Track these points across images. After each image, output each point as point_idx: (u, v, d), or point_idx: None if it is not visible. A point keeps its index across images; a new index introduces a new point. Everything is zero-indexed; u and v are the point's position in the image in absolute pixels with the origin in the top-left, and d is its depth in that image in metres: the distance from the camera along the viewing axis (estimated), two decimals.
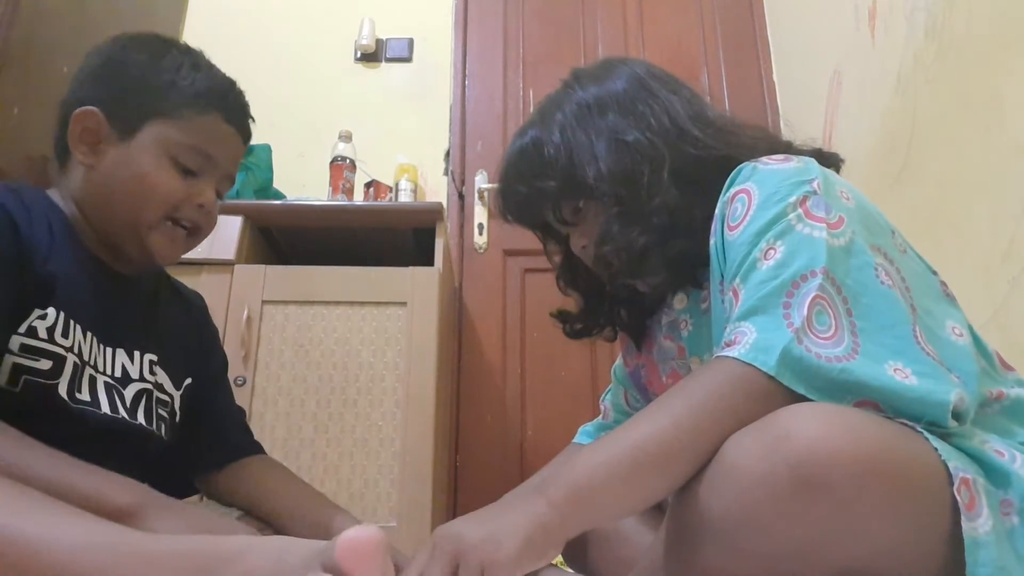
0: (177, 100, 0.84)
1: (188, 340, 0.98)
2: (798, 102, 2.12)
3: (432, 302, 1.66)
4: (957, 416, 0.58)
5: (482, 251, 2.24)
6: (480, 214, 2.27)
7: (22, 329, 0.75)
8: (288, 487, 0.95)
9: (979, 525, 0.54)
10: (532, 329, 2.16)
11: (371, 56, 2.49)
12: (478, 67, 2.48)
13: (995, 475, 0.58)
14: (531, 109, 2.39)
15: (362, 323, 1.65)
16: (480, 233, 2.25)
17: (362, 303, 1.66)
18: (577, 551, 0.91)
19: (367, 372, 1.61)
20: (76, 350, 0.78)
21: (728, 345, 0.64)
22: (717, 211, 0.73)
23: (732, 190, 0.72)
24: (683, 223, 0.76)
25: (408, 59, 2.50)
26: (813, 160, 0.73)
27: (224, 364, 1.07)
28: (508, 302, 2.19)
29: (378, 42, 2.50)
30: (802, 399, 0.59)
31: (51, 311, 0.77)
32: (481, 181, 2.30)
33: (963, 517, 0.53)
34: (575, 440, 1.08)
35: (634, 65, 0.87)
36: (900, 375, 0.59)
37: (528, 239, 1.02)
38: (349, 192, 2.08)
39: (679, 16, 2.47)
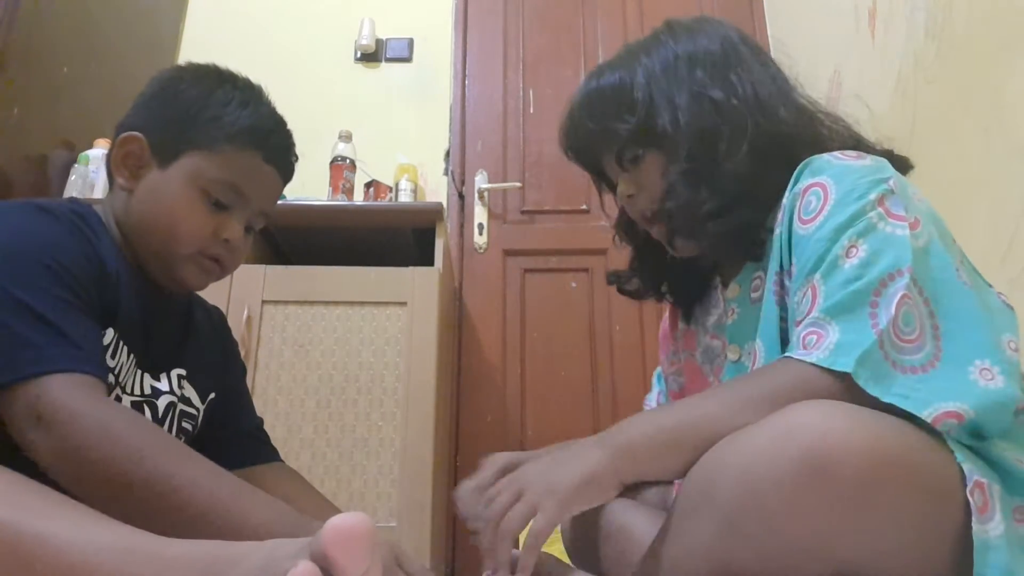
0: (217, 134, 0.84)
1: (213, 355, 0.99)
2: None
3: (432, 302, 1.66)
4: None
5: (482, 251, 2.24)
6: (480, 214, 2.27)
7: None
8: (299, 496, 0.95)
9: (991, 528, 0.53)
10: (532, 329, 2.16)
11: (371, 56, 2.49)
12: (478, 67, 2.48)
13: (1011, 482, 0.57)
14: (531, 109, 2.42)
15: (362, 323, 1.65)
16: (480, 233, 2.25)
17: (362, 303, 1.66)
18: (584, 549, 0.91)
19: (367, 372, 1.61)
20: (116, 371, 0.80)
21: (805, 347, 0.63)
22: (786, 201, 0.72)
23: (805, 182, 0.71)
24: (748, 196, 0.75)
25: (408, 59, 2.50)
26: (886, 160, 0.71)
27: (243, 374, 1.09)
28: (508, 302, 2.19)
29: (378, 42, 2.50)
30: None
31: (110, 331, 0.78)
32: (481, 181, 2.30)
33: (975, 519, 0.53)
34: None
35: (729, 29, 0.86)
36: (986, 376, 0.58)
37: (528, 239, 1.01)
38: (349, 192, 2.08)
39: (679, 16, 2.46)
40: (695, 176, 0.77)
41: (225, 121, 0.85)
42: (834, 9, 1.86)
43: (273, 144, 0.89)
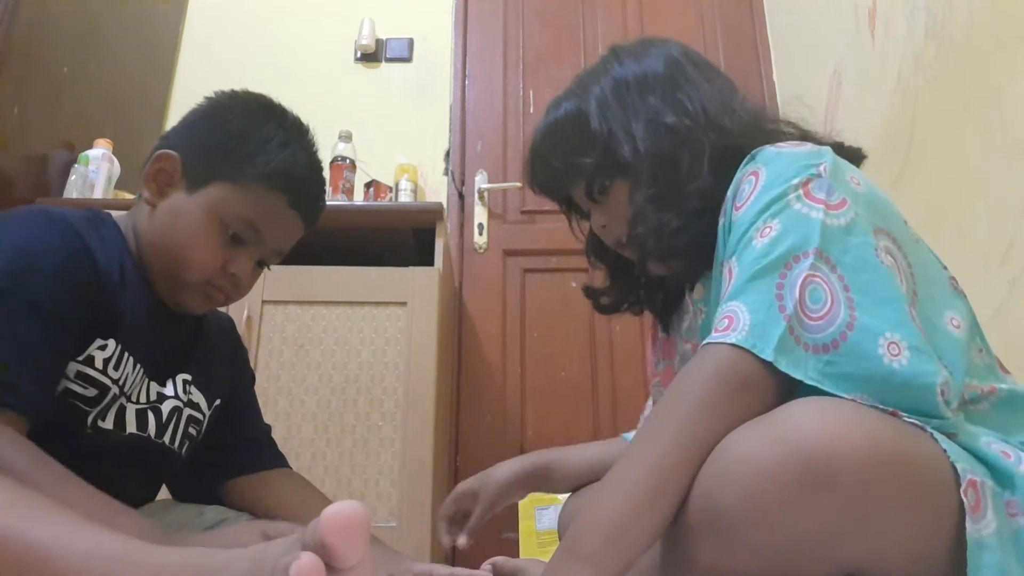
0: (249, 171, 0.84)
1: (222, 362, 1.00)
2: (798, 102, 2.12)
3: (432, 302, 1.66)
4: (945, 400, 0.58)
5: (482, 251, 2.24)
6: (480, 214, 2.27)
7: (81, 357, 0.76)
8: (306, 501, 0.96)
9: (983, 527, 0.54)
10: (532, 329, 2.16)
11: (371, 56, 2.49)
12: (478, 67, 2.48)
13: (1000, 476, 0.58)
14: (531, 109, 2.42)
15: (362, 323, 1.65)
16: (480, 233, 2.25)
17: (362, 303, 1.66)
18: None
19: (367, 372, 1.61)
20: (121, 382, 0.80)
21: (719, 330, 0.64)
22: (728, 192, 0.74)
23: (743, 171, 0.73)
24: (710, 208, 0.76)
25: (408, 59, 2.50)
26: (828, 148, 0.72)
27: (251, 381, 1.10)
28: (508, 302, 2.19)
29: (378, 42, 2.50)
30: (796, 385, 0.59)
31: (111, 343, 0.78)
32: (481, 181, 2.30)
33: (968, 519, 0.53)
34: (626, 435, 1.07)
35: (672, 47, 0.88)
36: (893, 351, 0.58)
37: (528, 239, 1.02)
38: (349, 192, 2.08)
39: (679, 16, 2.47)
40: (660, 200, 0.79)
41: (259, 159, 0.85)
42: (834, 9, 1.86)
43: (301, 190, 0.89)
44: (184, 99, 2.45)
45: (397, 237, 1.89)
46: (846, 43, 1.78)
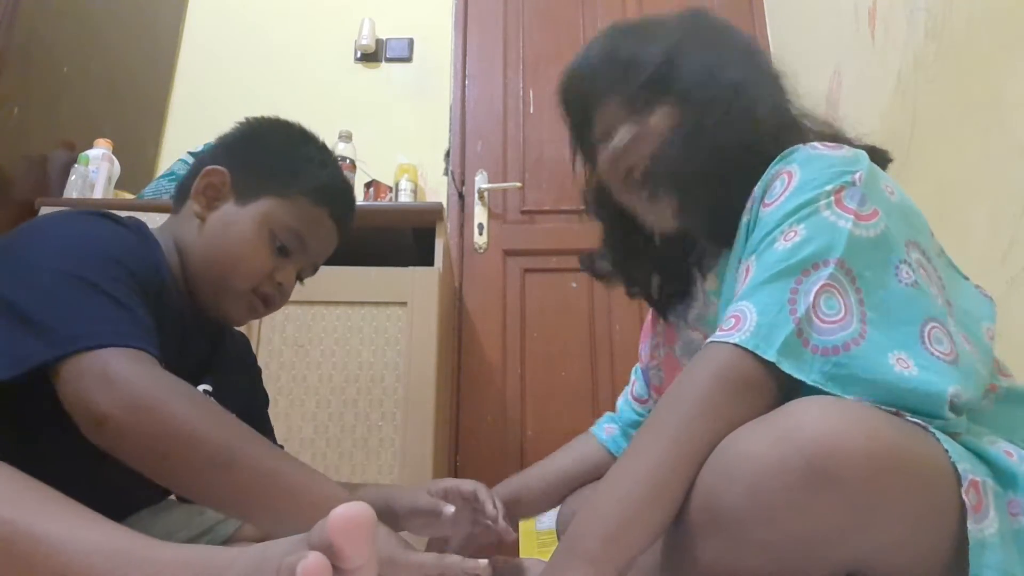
0: (296, 187, 0.91)
1: (239, 378, 1.03)
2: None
3: (432, 302, 1.66)
4: (954, 409, 0.58)
5: (482, 251, 2.24)
6: (480, 214, 2.27)
7: None
8: None
9: (985, 527, 0.54)
10: (532, 329, 2.16)
11: (371, 56, 2.49)
12: (478, 67, 2.48)
13: (1003, 476, 0.58)
14: (531, 109, 2.42)
15: (362, 323, 1.65)
16: (480, 233, 2.25)
17: (362, 303, 1.66)
18: None
19: (367, 372, 1.61)
20: None
21: (723, 329, 0.63)
22: (757, 188, 0.72)
23: (776, 168, 0.71)
24: (735, 184, 0.74)
25: (408, 59, 2.50)
26: (864, 153, 0.71)
27: (266, 402, 1.13)
28: (508, 302, 2.19)
29: (378, 42, 2.50)
30: (799, 387, 0.59)
31: None
32: (481, 181, 2.30)
33: (970, 519, 0.53)
34: (593, 430, 1.08)
35: (747, 36, 0.88)
36: (902, 364, 0.58)
37: (528, 239, 1.02)
38: None
39: None
40: (698, 138, 0.76)
41: (305, 176, 0.92)
42: (834, 9, 1.86)
43: (341, 204, 0.97)
44: (184, 99, 2.45)
45: (397, 237, 1.89)
46: (846, 43, 1.78)
